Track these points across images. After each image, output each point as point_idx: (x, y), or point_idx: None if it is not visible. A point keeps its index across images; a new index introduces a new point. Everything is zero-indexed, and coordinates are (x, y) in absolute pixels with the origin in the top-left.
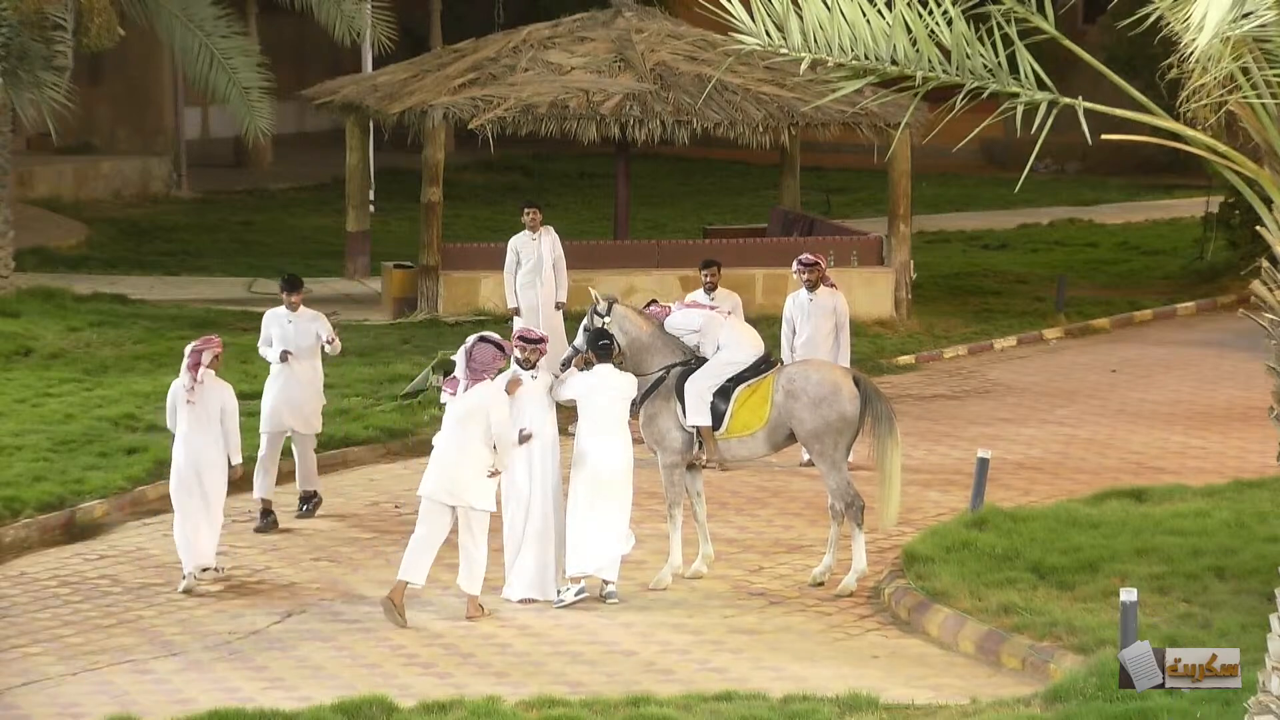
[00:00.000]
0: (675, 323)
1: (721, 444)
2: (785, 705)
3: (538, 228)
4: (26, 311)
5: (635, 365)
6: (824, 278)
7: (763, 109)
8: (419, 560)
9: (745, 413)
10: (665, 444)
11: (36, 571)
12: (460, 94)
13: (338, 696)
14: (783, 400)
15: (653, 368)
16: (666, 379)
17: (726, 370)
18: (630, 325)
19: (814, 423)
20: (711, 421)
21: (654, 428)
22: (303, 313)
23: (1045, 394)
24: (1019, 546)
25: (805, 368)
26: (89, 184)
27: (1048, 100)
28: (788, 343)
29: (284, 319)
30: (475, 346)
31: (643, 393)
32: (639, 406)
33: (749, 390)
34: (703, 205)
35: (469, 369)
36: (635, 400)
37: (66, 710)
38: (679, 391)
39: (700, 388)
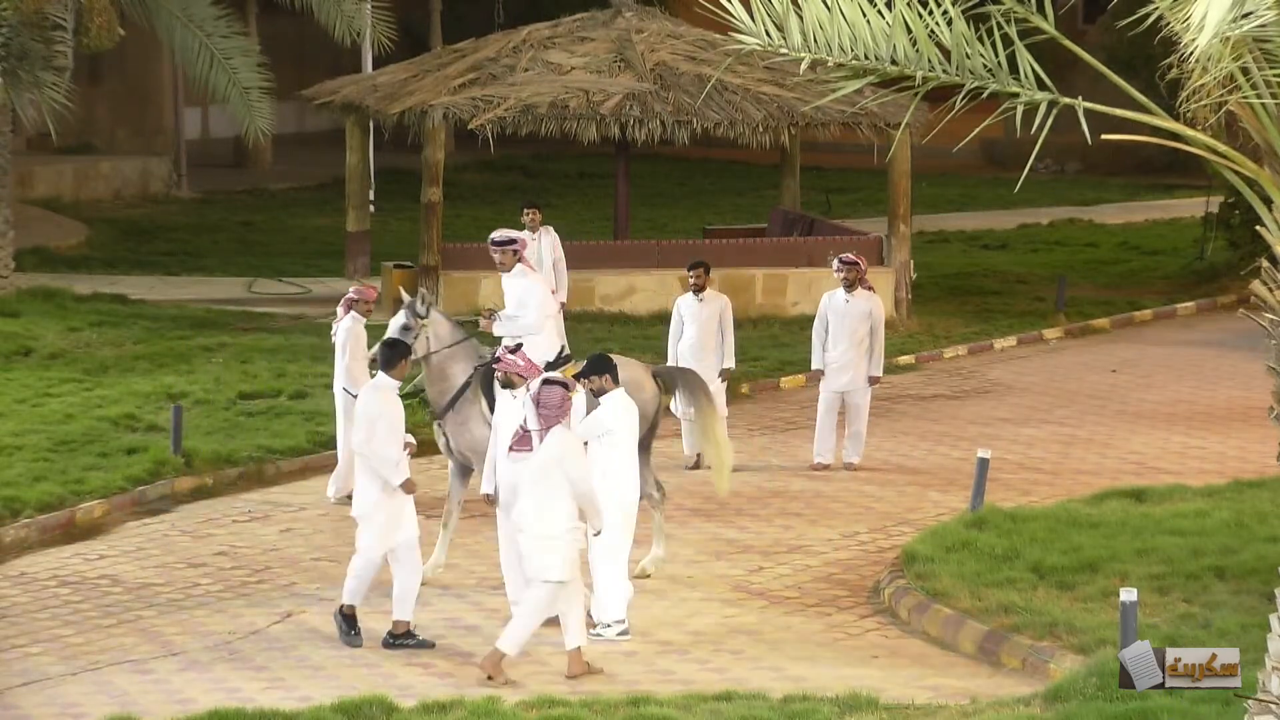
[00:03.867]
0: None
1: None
2: (785, 705)
3: (538, 228)
4: (26, 311)
5: (440, 372)
6: (862, 279)
7: (763, 109)
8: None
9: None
10: (479, 449)
11: (36, 571)
12: (460, 94)
13: (338, 696)
14: (592, 399)
15: (459, 375)
16: (472, 383)
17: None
18: (443, 330)
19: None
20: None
21: (467, 435)
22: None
23: (1045, 394)
24: (1019, 546)
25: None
26: (89, 184)
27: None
28: (819, 339)
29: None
30: (541, 392)
31: (449, 400)
32: (445, 415)
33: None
34: (703, 205)
35: (540, 417)
36: (440, 409)
37: (67, 710)
38: (488, 395)
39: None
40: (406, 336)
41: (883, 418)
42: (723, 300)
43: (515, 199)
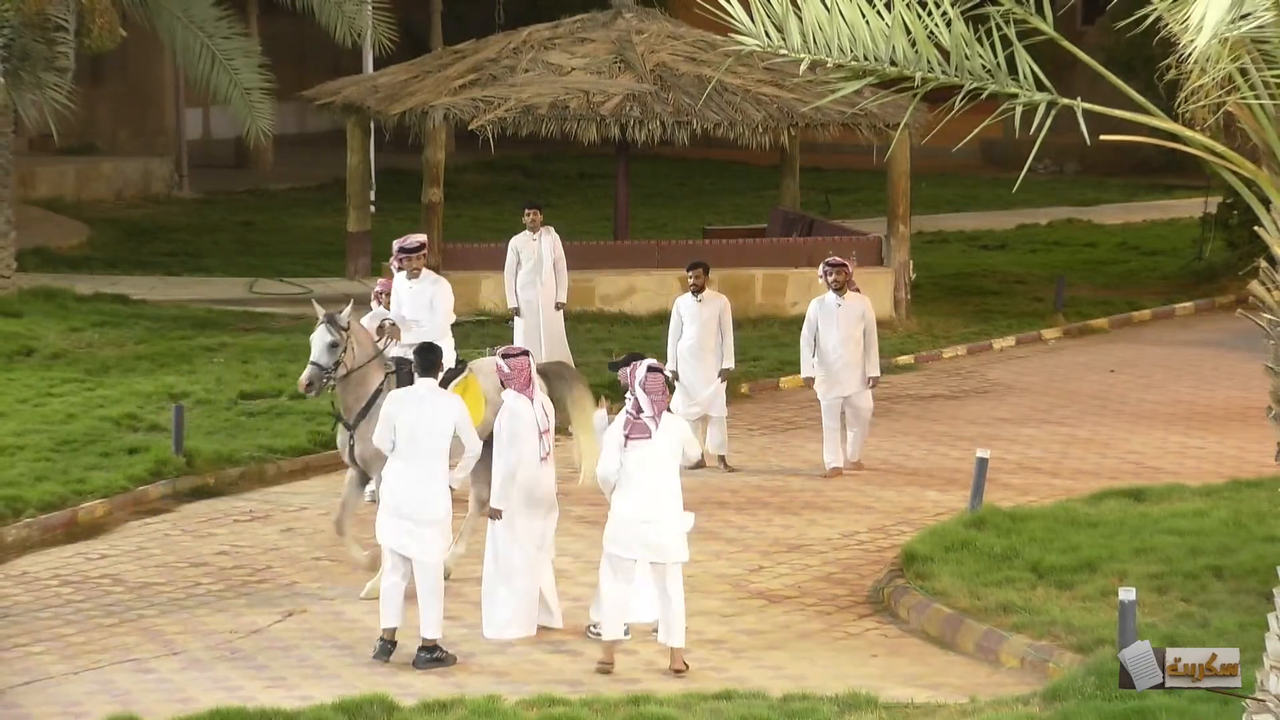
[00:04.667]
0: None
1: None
2: (785, 704)
3: (538, 228)
4: (28, 311)
5: (359, 382)
6: (850, 281)
7: (762, 110)
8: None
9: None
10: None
11: (38, 571)
12: (461, 95)
13: (338, 695)
14: (494, 398)
15: (374, 384)
16: (383, 390)
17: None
18: (363, 337)
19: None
20: None
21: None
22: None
23: (1044, 394)
24: (1018, 546)
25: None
26: (90, 184)
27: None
28: (809, 347)
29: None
30: (648, 379)
31: (363, 408)
32: (356, 426)
33: (459, 390)
34: (702, 206)
35: (653, 403)
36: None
37: (68, 709)
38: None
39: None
40: (334, 354)
41: (882, 417)
42: (722, 300)
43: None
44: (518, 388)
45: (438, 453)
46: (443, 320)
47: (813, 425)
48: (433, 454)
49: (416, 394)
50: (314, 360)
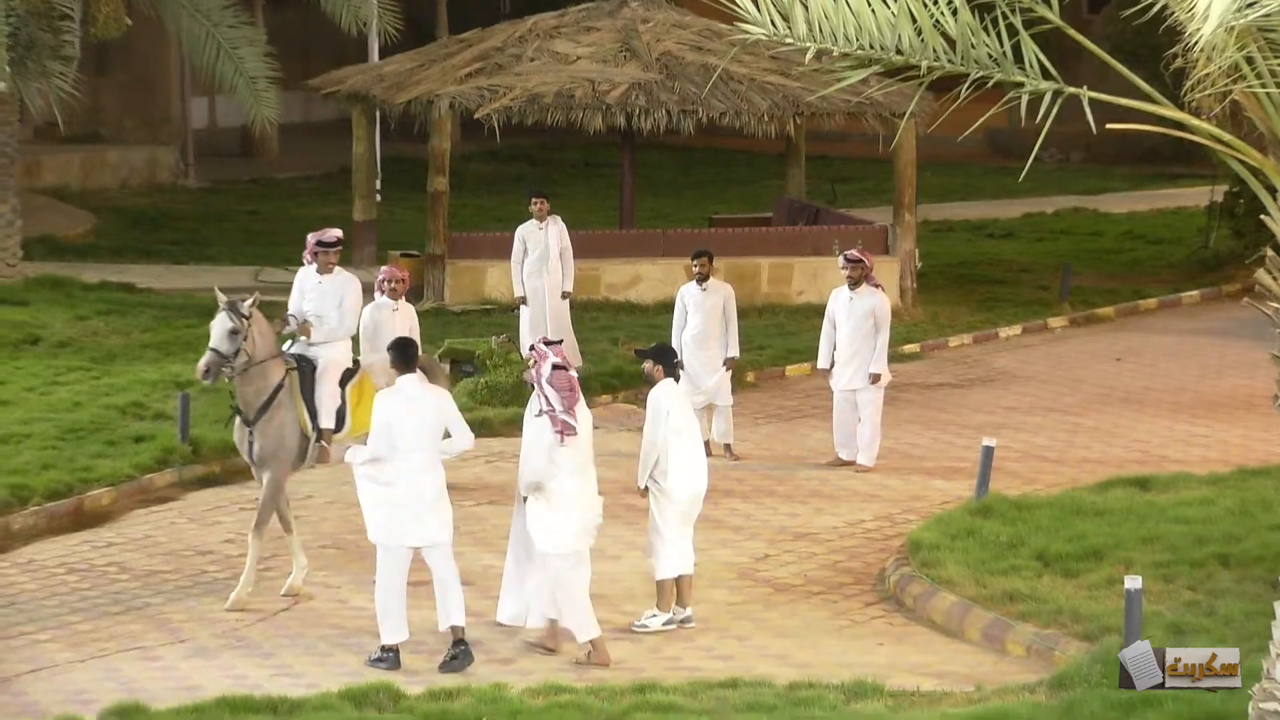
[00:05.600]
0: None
1: (336, 446)
2: (791, 692)
3: (544, 217)
4: (34, 300)
5: (260, 376)
6: (868, 276)
7: (768, 98)
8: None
9: (361, 413)
10: (284, 457)
11: (45, 559)
12: (466, 84)
13: (345, 684)
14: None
15: (274, 378)
16: (284, 386)
17: (341, 370)
18: (266, 329)
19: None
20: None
21: (279, 437)
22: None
23: (1050, 382)
24: (1024, 534)
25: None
26: (96, 173)
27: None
28: (828, 339)
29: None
30: (554, 375)
31: (264, 403)
32: (256, 423)
33: (356, 390)
34: (708, 194)
35: (562, 399)
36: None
37: (75, 697)
38: (306, 397)
39: (332, 390)
40: (234, 341)
41: (888, 406)
42: (726, 289)
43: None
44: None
45: (432, 445)
46: (351, 320)
47: (819, 414)
48: (427, 447)
49: (403, 392)
50: (213, 347)
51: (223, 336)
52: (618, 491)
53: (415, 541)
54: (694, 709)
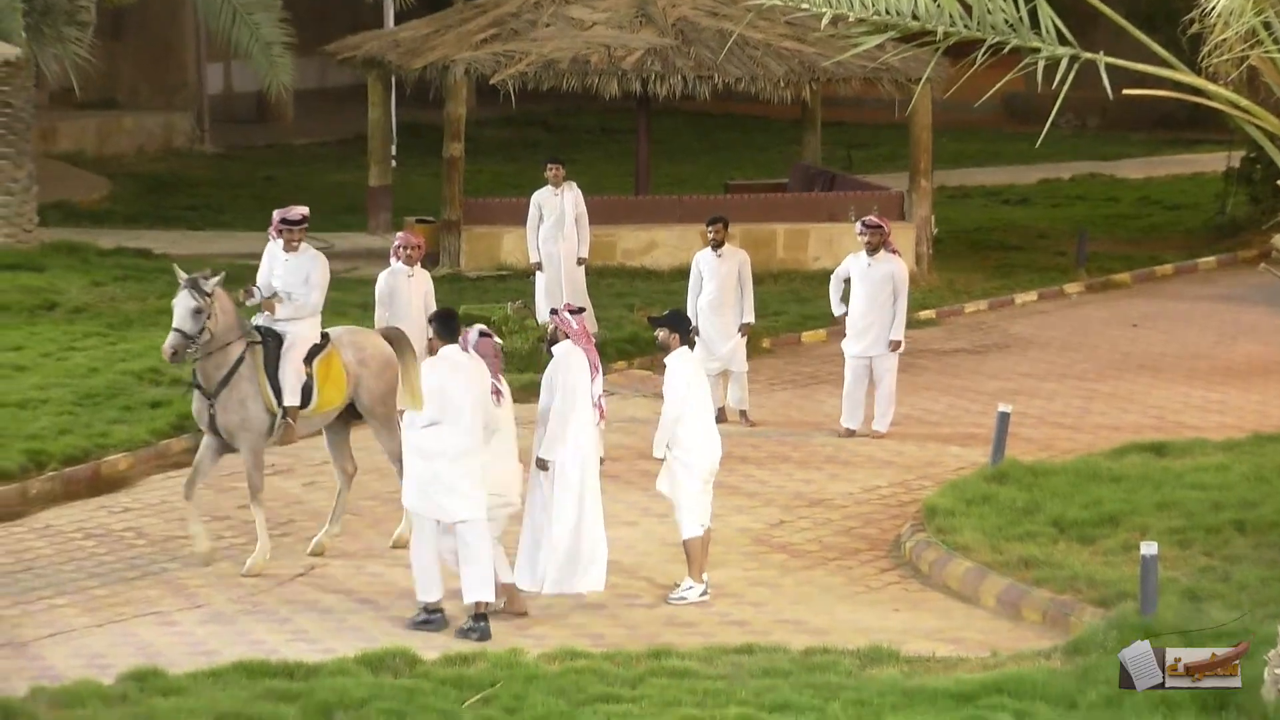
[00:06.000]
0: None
1: (303, 422)
2: (806, 658)
3: (560, 183)
4: (51, 266)
5: (219, 345)
6: (887, 242)
7: (784, 64)
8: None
9: (329, 388)
10: (253, 428)
11: (62, 524)
12: (482, 49)
13: (361, 648)
14: (356, 369)
15: (235, 352)
16: (245, 360)
17: (308, 346)
18: (228, 305)
19: (383, 388)
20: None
21: (244, 412)
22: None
23: (1066, 348)
24: (1040, 500)
25: (361, 336)
26: (112, 139)
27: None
28: (837, 292)
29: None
30: (480, 343)
31: (224, 377)
32: (217, 396)
33: (324, 365)
34: (724, 160)
35: (489, 365)
36: (214, 386)
37: (92, 661)
38: (269, 372)
39: (297, 366)
40: (199, 320)
41: (904, 373)
42: (742, 255)
43: (537, 154)
44: (583, 344)
45: (475, 415)
46: (317, 297)
47: (834, 380)
48: (471, 417)
49: (450, 361)
50: (177, 327)
51: (186, 316)
52: (632, 458)
53: (444, 517)
54: (709, 674)
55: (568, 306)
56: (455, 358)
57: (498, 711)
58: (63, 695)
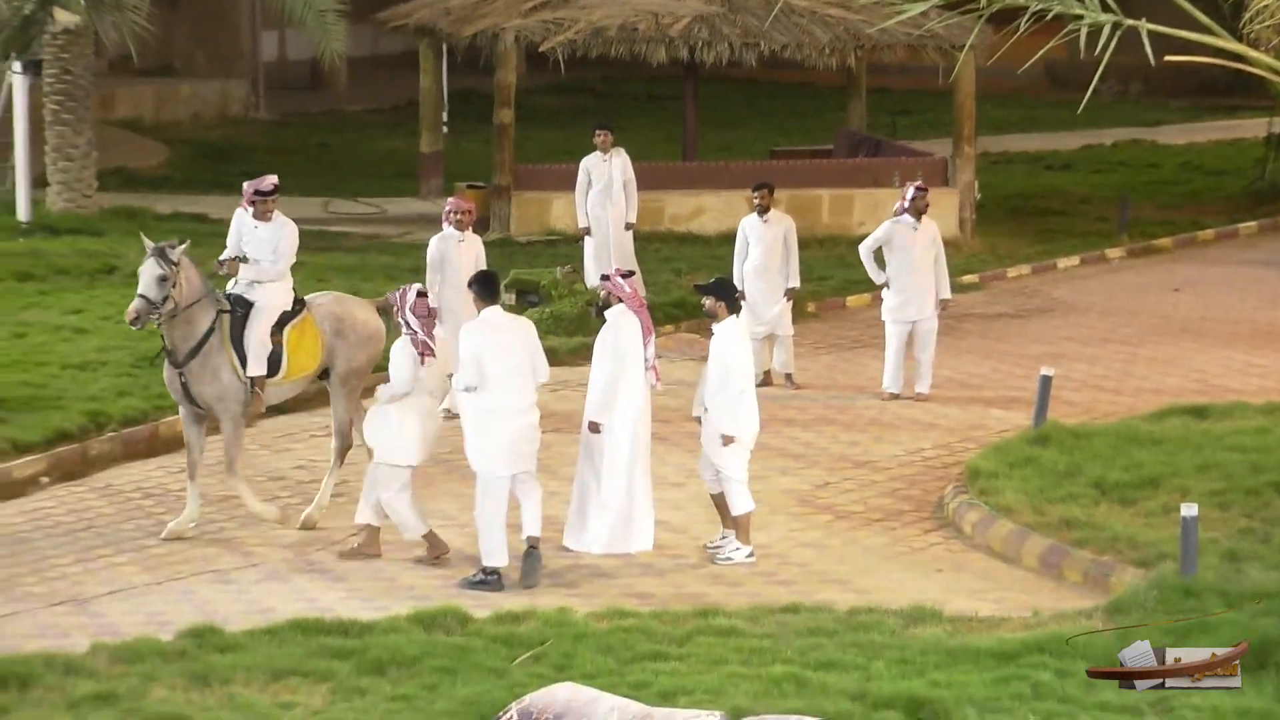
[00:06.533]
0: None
1: (274, 389)
2: (851, 617)
3: (609, 149)
4: (110, 230)
5: (187, 320)
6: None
7: (829, 31)
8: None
9: (301, 355)
10: (230, 397)
11: (121, 484)
12: (531, 17)
13: (413, 607)
14: (331, 339)
15: (204, 323)
16: (215, 330)
17: (276, 314)
18: (194, 274)
19: (358, 361)
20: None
21: (217, 383)
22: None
23: (1108, 313)
24: (1081, 463)
25: (346, 306)
26: (169, 106)
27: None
28: (874, 264)
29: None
30: (416, 304)
31: (193, 348)
32: (186, 365)
33: (296, 332)
34: (770, 127)
35: (422, 324)
36: (182, 356)
37: (152, 618)
38: (236, 342)
39: (262, 336)
40: (164, 288)
41: (947, 336)
42: (787, 221)
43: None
44: (635, 307)
45: (521, 372)
46: (284, 265)
47: (878, 344)
48: (518, 373)
49: (490, 323)
50: (142, 293)
51: (151, 283)
52: (680, 420)
53: (510, 470)
54: (755, 633)
55: (619, 271)
56: (496, 319)
57: (547, 669)
58: (123, 651)
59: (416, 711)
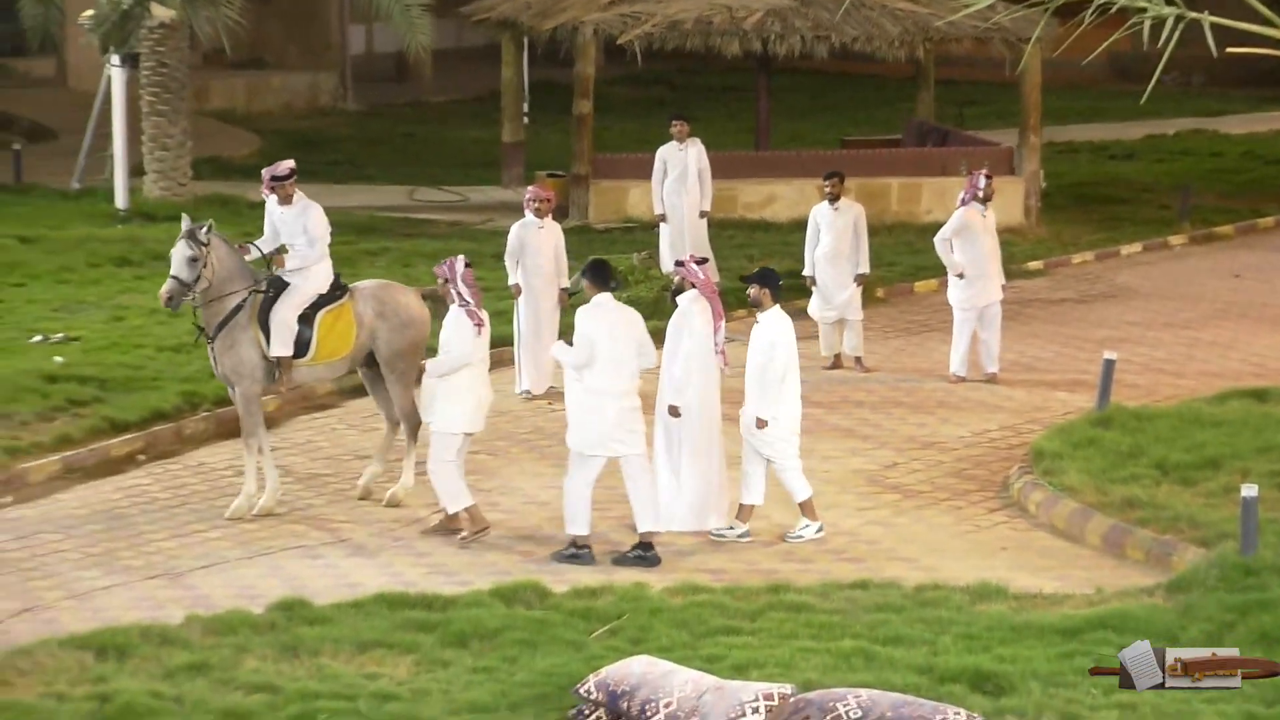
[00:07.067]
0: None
1: (306, 370)
2: (918, 594)
3: (684, 139)
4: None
5: (218, 294)
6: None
7: (899, 24)
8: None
9: (333, 339)
10: (246, 372)
11: (214, 462)
12: (610, 11)
13: (494, 582)
14: (372, 322)
15: (233, 299)
16: (244, 307)
17: (309, 298)
18: (225, 254)
19: (400, 344)
20: (295, 350)
21: (235, 356)
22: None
23: (1170, 298)
24: (1143, 444)
25: (390, 291)
26: (260, 97)
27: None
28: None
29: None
30: (465, 273)
31: (220, 322)
32: (216, 336)
33: (331, 316)
34: (840, 118)
35: (474, 293)
36: (211, 329)
37: (243, 592)
38: (262, 321)
39: (286, 317)
40: (194, 269)
41: (1013, 320)
42: (857, 208)
43: (661, 112)
44: (708, 294)
45: (629, 359)
46: (321, 247)
47: (945, 328)
48: (625, 358)
49: (604, 307)
50: (174, 274)
51: (183, 264)
52: None
53: (610, 452)
54: (825, 608)
55: (693, 257)
56: (609, 304)
57: (623, 642)
58: (216, 623)
59: (497, 682)
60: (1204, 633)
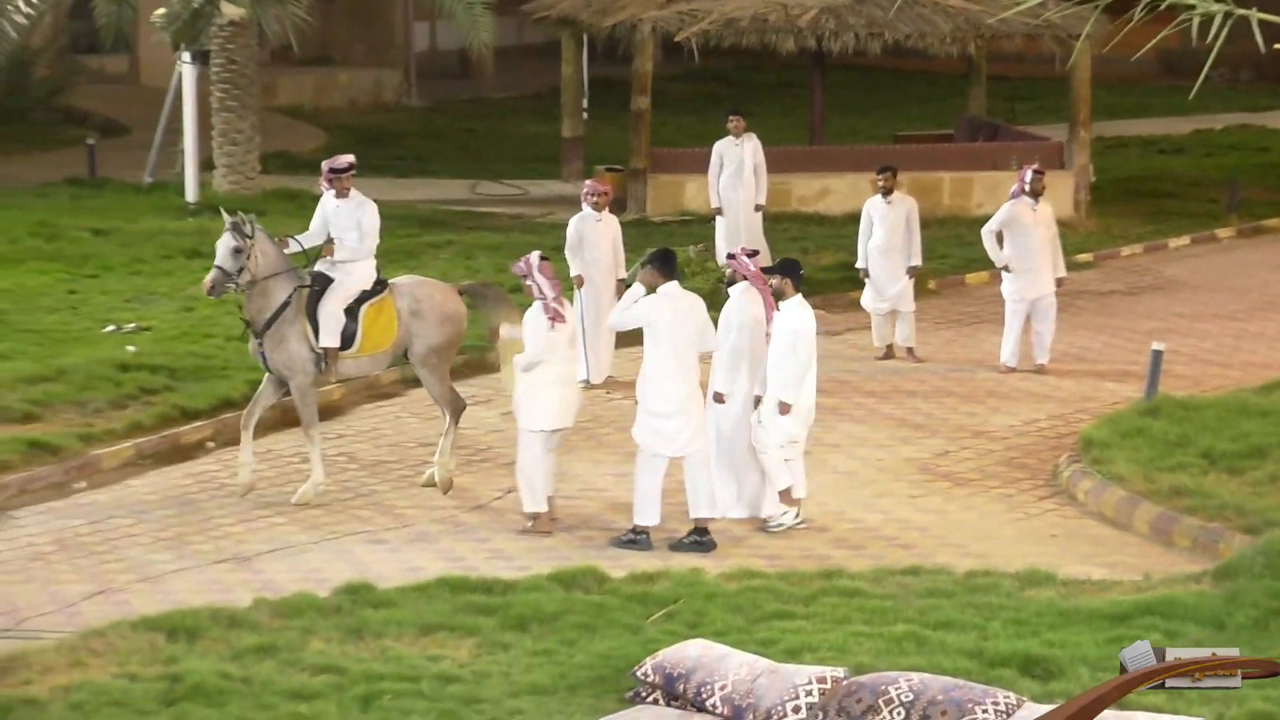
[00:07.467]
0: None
1: (351, 362)
2: (968, 579)
3: (741, 134)
4: (272, 210)
5: (263, 293)
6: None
7: (951, 21)
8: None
9: (376, 332)
10: (298, 366)
11: (282, 449)
12: (667, 8)
13: (554, 566)
14: (409, 318)
15: (280, 295)
16: (291, 302)
17: (354, 292)
18: (269, 248)
19: (436, 340)
20: (341, 342)
21: (285, 352)
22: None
23: (1217, 290)
24: (1191, 433)
25: (425, 287)
26: (327, 93)
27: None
28: (994, 241)
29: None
30: (542, 265)
31: (269, 318)
32: (264, 335)
33: (374, 310)
34: (893, 113)
35: (553, 285)
36: (260, 326)
37: (310, 575)
38: (310, 314)
39: (335, 310)
40: (238, 259)
41: (1063, 312)
42: (910, 202)
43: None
44: (758, 285)
45: (692, 348)
46: (370, 243)
47: (996, 320)
48: (688, 350)
49: (670, 296)
50: (218, 264)
51: (227, 254)
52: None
53: (675, 452)
54: (878, 594)
55: (744, 250)
56: (673, 293)
57: (680, 626)
58: (282, 606)
59: (556, 665)
60: (1250, 619)
